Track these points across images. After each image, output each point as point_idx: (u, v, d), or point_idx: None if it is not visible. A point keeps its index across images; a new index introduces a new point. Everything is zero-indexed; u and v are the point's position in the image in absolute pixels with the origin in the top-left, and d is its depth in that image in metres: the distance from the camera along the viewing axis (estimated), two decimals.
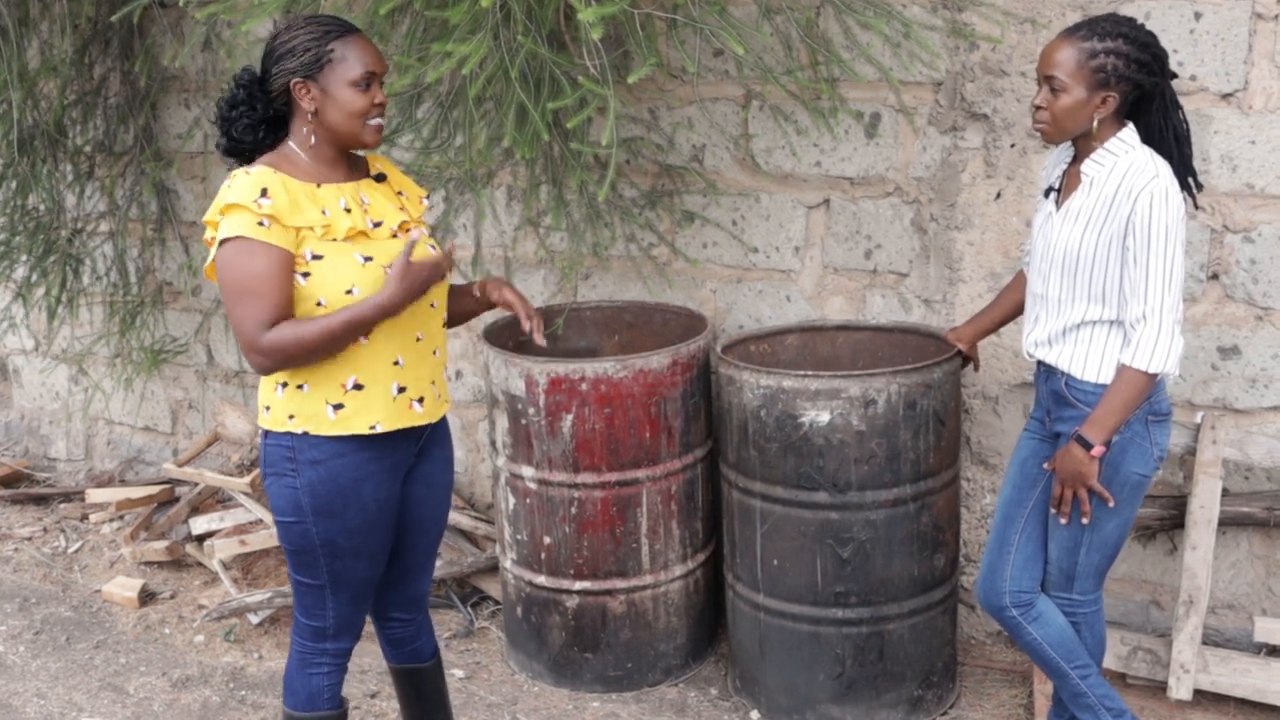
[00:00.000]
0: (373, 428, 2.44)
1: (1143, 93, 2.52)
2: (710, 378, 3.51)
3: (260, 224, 2.31)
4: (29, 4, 4.22)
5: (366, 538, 2.51)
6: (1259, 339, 3.18)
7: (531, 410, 3.33)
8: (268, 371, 2.38)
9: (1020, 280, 2.97)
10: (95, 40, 4.48)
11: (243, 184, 2.34)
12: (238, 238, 2.31)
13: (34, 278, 4.74)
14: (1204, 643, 3.31)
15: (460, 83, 3.25)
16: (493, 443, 3.53)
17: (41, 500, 5.16)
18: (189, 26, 4.39)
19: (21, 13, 4.19)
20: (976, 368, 3.22)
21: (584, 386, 3.27)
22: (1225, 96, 3.08)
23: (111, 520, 4.84)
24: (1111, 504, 2.61)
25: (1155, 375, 2.49)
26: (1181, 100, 2.64)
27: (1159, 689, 3.20)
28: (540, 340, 2.60)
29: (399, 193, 2.60)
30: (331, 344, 2.35)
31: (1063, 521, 2.67)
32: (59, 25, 4.28)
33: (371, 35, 2.89)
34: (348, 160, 2.52)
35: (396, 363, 2.46)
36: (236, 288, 2.32)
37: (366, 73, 2.39)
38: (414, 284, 2.37)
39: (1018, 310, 3.00)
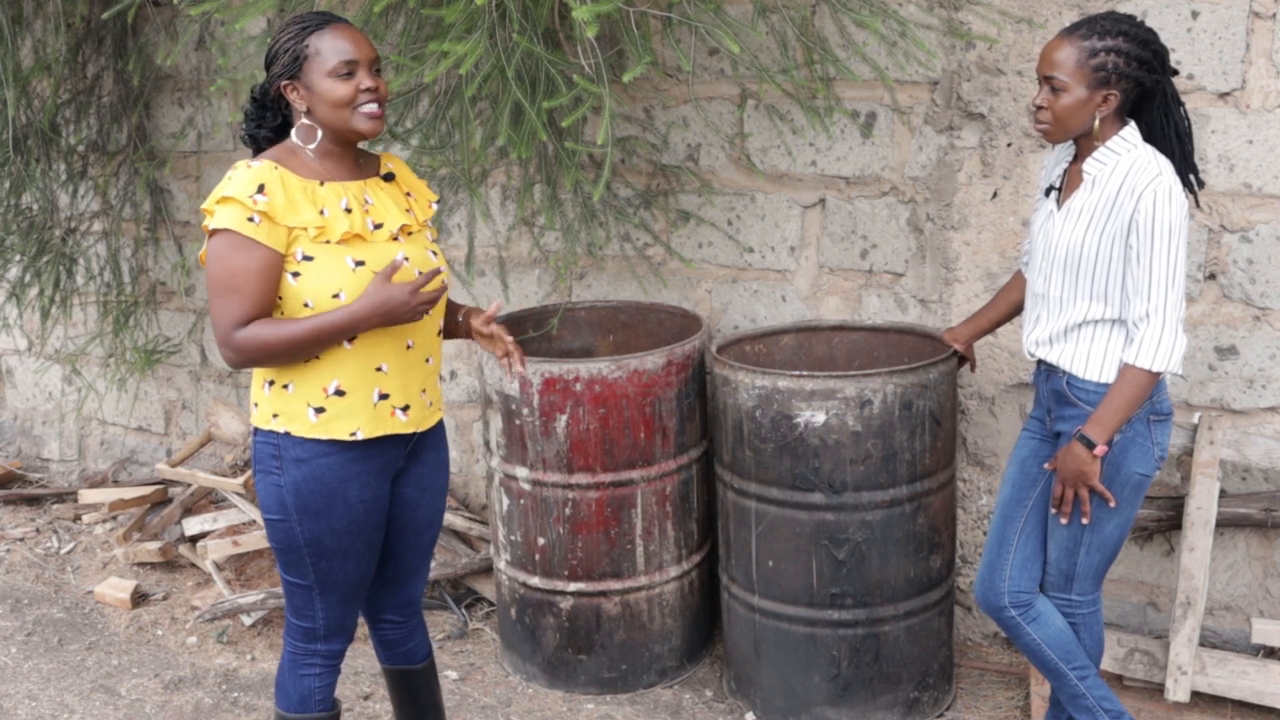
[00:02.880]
0: (353, 434, 2.42)
1: (1144, 90, 2.51)
2: (705, 378, 3.50)
3: (250, 220, 2.30)
4: (22, 2, 4.21)
5: (353, 539, 2.49)
6: (1256, 339, 3.17)
7: (526, 411, 3.32)
8: (237, 367, 2.39)
9: (1018, 281, 2.96)
10: (88, 39, 4.47)
11: (242, 177, 2.33)
12: (226, 231, 2.31)
13: (27, 278, 4.72)
14: (1201, 644, 3.31)
15: (456, 82, 3.23)
16: (487, 443, 3.52)
17: (34, 501, 5.15)
18: (182, 25, 4.37)
19: (14, 11, 4.18)
20: (973, 368, 3.21)
21: (578, 387, 3.26)
22: (1223, 95, 3.07)
23: (104, 521, 4.82)
24: (1113, 504, 2.60)
25: (1158, 374, 2.48)
26: (1179, 95, 2.63)
27: (1156, 691, 3.19)
28: (515, 372, 2.58)
29: (407, 194, 2.57)
30: (298, 351, 2.34)
31: (1063, 521, 2.66)
32: (52, 24, 4.27)
33: (365, 33, 2.87)
34: (355, 157, 2.50)
35: (379, 369, 2.43)
36: (218, 282, 2.33)
37: (343, 62, 2.36)
38: (387, 306, 2.32)
39: (1015, 311, 2.99)
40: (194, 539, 4.37)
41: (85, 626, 4.09)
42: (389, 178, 2.56)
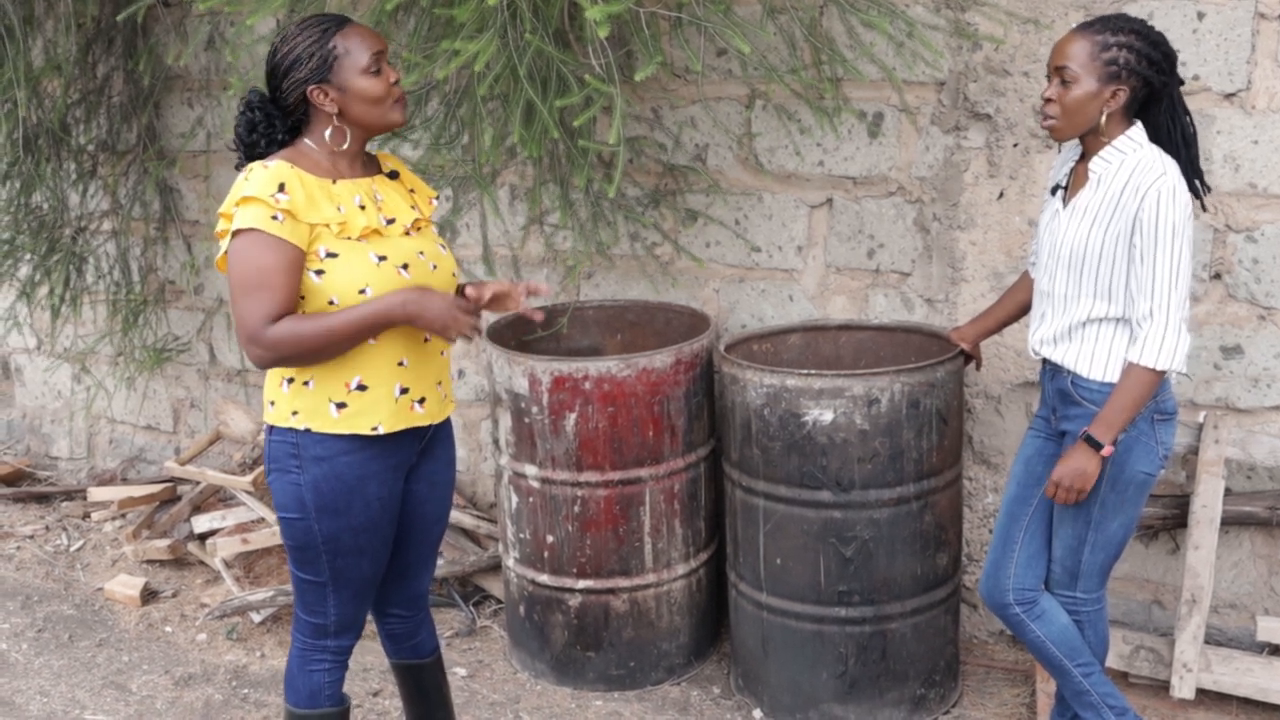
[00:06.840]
0: (374, 428, 2.43)
1: (1151, 91, 2.53)
2: (713, 377, 3.51)
3: (274, 218, 2.30)
4: (33, 3, 4.23)
5: (370, 536, 2.51)
6: (1261, 338, 3.19)
7: (535, 409, 3.34)
8: (264, 365, 2.38)
9: (1025, 281, 2.98)
10: (99, 39, 4.49)
11: (260, 177, 2.33)
12: (251, 230, 2.30)
13: (37, 276, 4.74)
14: (1206, 642, 3.32)
15: (467, 81, 3.25)
16: (496, 441, 3.54)
17: (44, 499, 5.17)
18: (192, 25, 4.40)
19: (26, 11, 4.20)
20: (979, 367, 3.22)
21: (587, 385, 3.27)
22: (1228, 96, 3.09)
23: (114, 519, 4.84)
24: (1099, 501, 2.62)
25: (1162, 373, 2.50)
26: (1185, 100, 2.64)
27: (1161, 688, 3.21)
28: (537, 316, 2.70)
29: (410, 191, 2.61)
30: (332, 344, 2.34)
31: (1055, 500, 2.66)
32: (63, 24, 4.29)
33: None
34: (364, 157, 2.53)
35: (401, 364, 2.46)
36: (245, 280, 2.31)
37: (374, 55, 2.40)
38: (422, 304, 2.36)
39: (1022, 311, 3.00)
40: (203, 537, 4.39)
41: (95, 623, 4.11)
42: (393, 175, 2.59)
